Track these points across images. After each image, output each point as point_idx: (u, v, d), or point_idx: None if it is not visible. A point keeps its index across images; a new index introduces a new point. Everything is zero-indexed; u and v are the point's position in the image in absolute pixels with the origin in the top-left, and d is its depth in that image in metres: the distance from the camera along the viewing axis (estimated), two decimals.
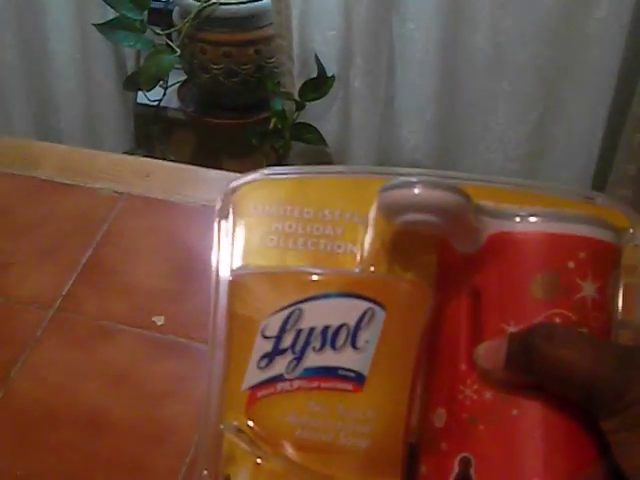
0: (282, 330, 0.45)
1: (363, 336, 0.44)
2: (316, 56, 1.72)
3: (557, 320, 0.43)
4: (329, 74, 1.74)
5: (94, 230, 0.88)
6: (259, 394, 0.45)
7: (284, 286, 0.46)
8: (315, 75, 1.74)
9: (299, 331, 0.45)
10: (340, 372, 0.44)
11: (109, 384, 0.73)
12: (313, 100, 1.77)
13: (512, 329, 0.43)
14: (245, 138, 1.86)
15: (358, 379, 0.44)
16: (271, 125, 1.82)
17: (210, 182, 0.96)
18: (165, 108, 2.01)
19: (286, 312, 0.45)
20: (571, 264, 0.43)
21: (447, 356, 0.46)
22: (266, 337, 0.45)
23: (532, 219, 0.45)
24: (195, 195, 0.93)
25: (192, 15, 1.79)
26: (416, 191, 0.42)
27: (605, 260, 0.45)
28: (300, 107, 1.79)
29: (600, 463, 0.42)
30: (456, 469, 0.43)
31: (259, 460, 0.44)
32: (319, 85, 1.75)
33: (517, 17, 1.61)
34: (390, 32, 1.69)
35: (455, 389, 0.44)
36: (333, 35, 1.72)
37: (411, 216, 0.43)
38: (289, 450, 0.44)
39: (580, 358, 0.40)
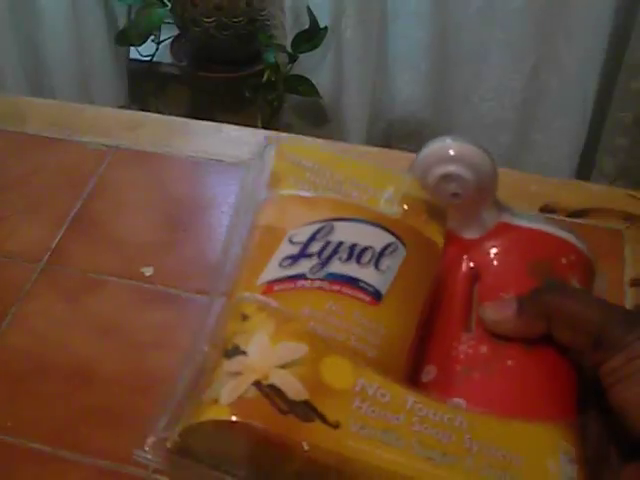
0: (311, 239, 0.46)
1: (385, 261, 0.46)
2: (308, 7, 1.71)
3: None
4: (321, 25, 1.73)
5: (83, 184, 0.88)
6: (276, 287, 0.45)
7: (318, 206, 0.48)
8: (307, 27, 1.73)
9: (328, 242, 0.46)
10: (361, 284, 0.45)
11: (98, 335, 0.74)
12: (306, 52, 1.75)
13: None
14: (239, 91, 1.86)
15: (376, 295, 0.45)
16: (264, 78, 1.81)
17: (199, 134, 0.96)
18: (158, 63, 2.00)
19: (317, 225, 0.47)
20: (564, 260, 0.48)
21: (441, 319, 0.48)
22: (293, 242, 0.46)
23: (532, 219, 0.50)
24: (184, 147, 0.93)
25: None
26: (452, 145, 0.47)
27: (586, 271, 0.50)
28: (293, 59, 1.78)
29: (581, 416, 0.44)
30: None
31: (276, 323, 0.43)
32: (311, 37, 1.74)
33: None
34: None
35: (449, 347, 0.47)
36: None
37: (447, 168, 0.47)
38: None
39: (588, 307, 0.44)
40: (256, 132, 0.97)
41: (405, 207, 0.49)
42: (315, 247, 0.46)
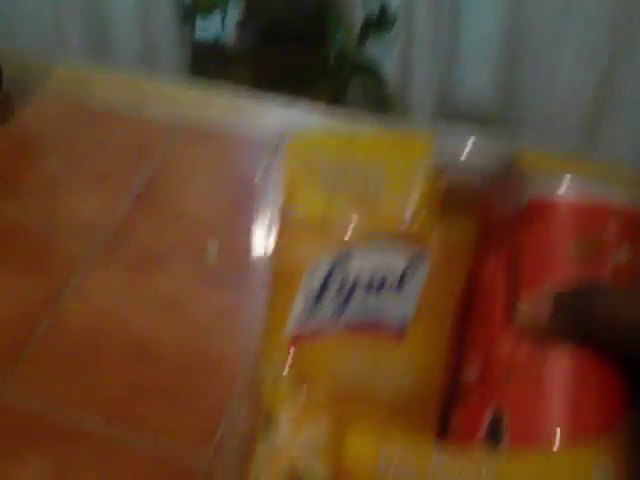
0: (328, 276, 0.45)
1: (409, 282, 0.44)
2: None
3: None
4: (392, 13, 1.70)
5: (149, 158, 0.87)
6: (301, 341, 0.44)
7: (331, 231, 0.46)
8: (378, 12, 1.70)
9: (345, 276, 0.44)
10: (384, 319, 0.44)
11: (159, 313, 0.72)
12: (375, 37, 1.73)
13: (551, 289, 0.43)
14: (303, 75, 1.83)
15: (400, 326, 0.44)
16: (330, 62, 1.79)
17: (269, 112, 0.94)
18: (223, 43, 1.98)
19: (332, 256, 0.45)
20: (610, 229, 0.44)
21: (482, 313, 0.46)
22: (311, 285, 0.45)
23: (572, 185, 0.45)
24: (253, 124, 0.91)
25: None
26: (464, 153, 0.44)
27: (637, 230, 0.45)
28: (361, 44, 1.75)
29: (626, 420, 0.42)
30: (486, 423, 0.42)
31: (301, 402, 0.44)
32: (381, 24, 1.71)
33: None
34: None
35: (489, 345, 0.44)
36: None
37: (459, 176, 0.44)
38: (329, 399, 0.44)
39: (637, 313, 0.40)
40: (328, 111, 0.95)
41: (428, 197, 0.46)
42: (333, 286, 0.44)
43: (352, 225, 0.46)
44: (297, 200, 0.47)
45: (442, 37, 1.70)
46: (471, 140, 0.44)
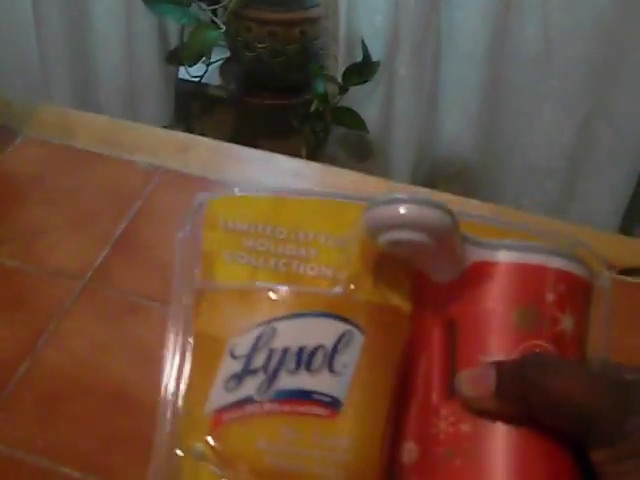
0: (253, 349, 0.43)
1: (340, 359, 0.42)
2: (362, 40, 1.70)
3: (537, 352, 0.42)
4: (374, 59, 1.71)
5: (129, 203, 0.87)
6: (225, 417, 0.42)
7: (255, 304, 0.44)
8: (360, 59, 1.72)
9: (272, 351, 0.42)
10: (315, 396, 0.42)
11: (136, 360, 0.72)
12: (356, 85, 1.74)
13: (490, 360, 0.42)
14: (285, 119, 1.84)
15: (334, 404, 0.42)
16: (312, 108, 1.80)
17: (248, 161, 0.94)
18: (206, 85, 1.99)
19: (258, 330, 0.43)
20: (550, 296, 0.43)
21: (418, 388, 0.44)
22: (235, 357, 0.43)
23: (513, 250, 0.44)
24: (233, 173, 0.91)
25: None
26: (402, 208, 0.41)
27: (581, 295, 0.45)
28: (343, 91, 1.77)
29: None
30: None
31: None
32: (363, 70, 1.72)
33: (569, 12, 1.58)
34: (439, 20, 1.66)
35: (427, 423, 0.43)
36: (380, 20, 1.69)
37: (397, 234, 0.42)
38: (257, 478, 0.41)
39: (576, 388, 0.40)
40: (307, 164, 0.96)
41: (361, 264, 0.44)
42: (259, 360, 0.42)
43: (277, 296, 0.44)
44: (217, 270, 0.46)
45: (424, 84, 1.71)
46: (407, 204, 0.41)
